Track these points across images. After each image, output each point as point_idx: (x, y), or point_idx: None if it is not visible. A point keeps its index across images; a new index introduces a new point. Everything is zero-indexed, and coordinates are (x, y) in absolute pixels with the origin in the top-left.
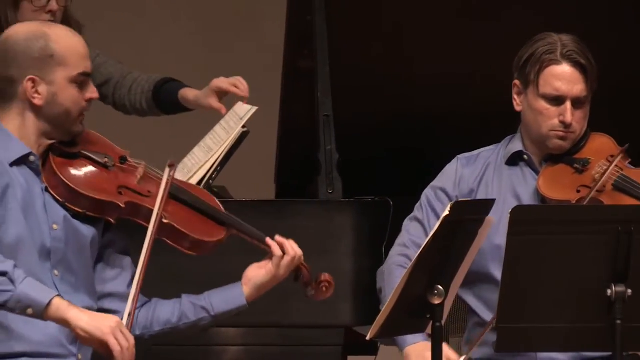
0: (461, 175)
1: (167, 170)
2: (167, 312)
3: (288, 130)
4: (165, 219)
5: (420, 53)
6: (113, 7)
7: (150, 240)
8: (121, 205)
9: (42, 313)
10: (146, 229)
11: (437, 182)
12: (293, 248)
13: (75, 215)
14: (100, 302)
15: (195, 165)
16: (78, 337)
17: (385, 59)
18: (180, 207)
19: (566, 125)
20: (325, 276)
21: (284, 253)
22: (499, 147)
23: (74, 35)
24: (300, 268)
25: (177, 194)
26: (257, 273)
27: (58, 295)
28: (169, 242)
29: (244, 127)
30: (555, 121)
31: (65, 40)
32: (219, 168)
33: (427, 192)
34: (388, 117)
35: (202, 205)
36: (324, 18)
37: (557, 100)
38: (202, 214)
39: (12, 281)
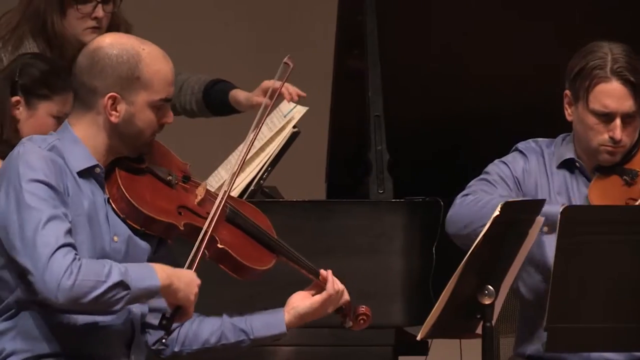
0: (525, 167)
1: (222, 192)
2: (207, 331)
3: (339, 130)
4: (220, 243)
5: (470, 53)
6: (164, 8)
7: (198, 255)
8: (180, 227)
9: (155, 295)
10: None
11: (503, 159)
12: (339, 285)
13: (135, 231)
14: (148, 316)
15: (239, 161)
16: (167, 295)
17: (435, 59)
18: (235, 231)
19: (615, 142)
20: (364, 309)
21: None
22: (553, 144)
23: (165, 60)
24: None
25: (234, 218)
26: (301, 303)
27: (155, 266)
28: (219, 265)
29: (294, 127)
30: (605, 136)
31: (155, 65)
32: (269, 168)
33: (494, 166)
34: (438, 117)
35: (256, 231)
36: (374, 18)
37: (606, 116)
38: (256, 240)
39: (127, 286)
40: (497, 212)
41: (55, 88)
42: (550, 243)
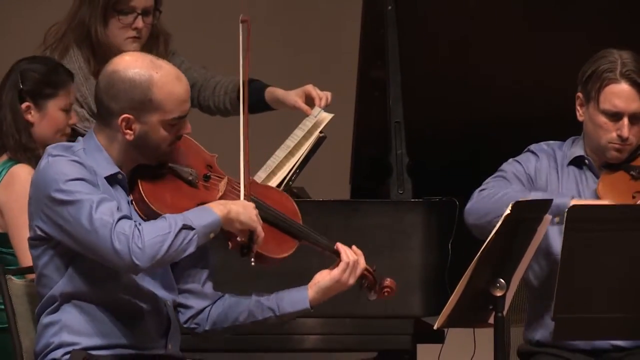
0: (537, 166)
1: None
2: (237, 311)
3: (362, 135)
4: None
5: (485, 62)
6: (199, 11)
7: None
8: None
9: (219, 229)
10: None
11: (517, 158)
12: (356, 253)
13: None
14: (179, 297)
15: (275, 162)
16: (229, 225)
17: (452, 69)
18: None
19: (623, 139)
20: (389, 281)
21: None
22: (564, 145)
23: (178, 81)
24: (365, 275)
25: (257, 209)
26: (323, 278)
27: (210, 204)
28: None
29: (321, 132)
30: (613, 135)
31: (167, 87)
32: (298, 170)
33: (508, 165)
34: (454, 122)
35: (279, 220)
36: (395, 31)
37: (615, 116)
38: (278, 229)
39: (190, 227)
40: (508, 211)
41: (58, 84)
42: (554, 232)
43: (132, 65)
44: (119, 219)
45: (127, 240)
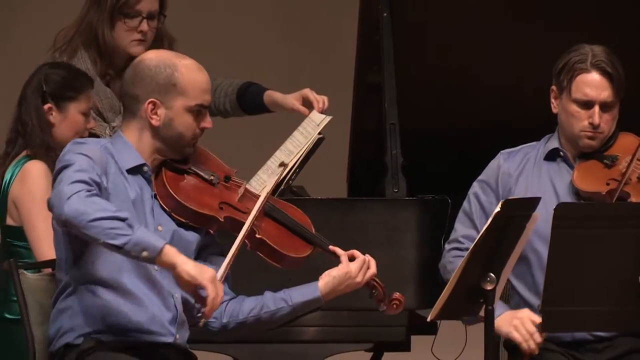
0: (503, 170)
1: (264, 191)
2: (251, 304)
3: (358, 136)
4: (258, 233)
5: (476, 67)
6: (202, 16)
7: (238, 243)
8: (220, 219)
9: (155, 256)
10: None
11: (482, 176)
12: (365, 257)
13: (180, 224)
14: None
15: (276, 163)
16: (179, 280)
17: (444, 73)
18: (273, 224)
19: (594, 127)
20: (397, 295)
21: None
22: (539, 144)
23: (200, 71)
24: (375, 286)
25: (271, 212)
26: (332, 270)
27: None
28: (258, 253)
29: (319, 134)
30: (585, 123)
31: (190, 74)
32: (297, 170)
33: (474, 185)
34: (446, 124)
35: (292, 224)
36: (390, 37)
37: (586, 104)
38: (292, 232)
39: (130, 226)
40: (498, 209)
41: (79, 88)
42: (537, 233)
43: (157, 55)
44: (84, 181)
45: (74, 189)
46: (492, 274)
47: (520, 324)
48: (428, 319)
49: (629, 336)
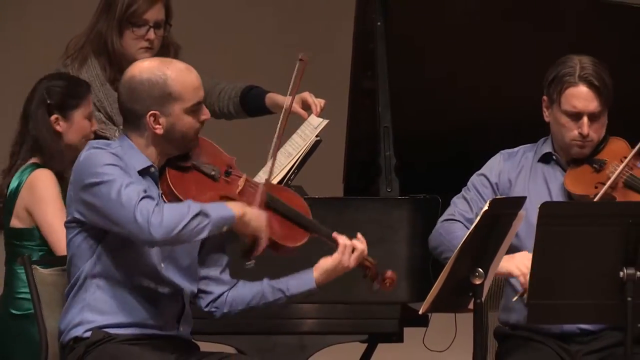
0: (502, 168)
1: (262, 182)
2: (250, 294)
3: (354, 139)
4: None
5: (465, 73)
6: (205, 25)
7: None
8: None
9: (233, 224)
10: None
11: (482, 170)
12: (356, 242)
13: None
14: (201, 283)
15: (278, 168)
16: (242, 226)
17: (435, 79)
18: (273, 216)
19: (584, 136)
20: (389, 273)
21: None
22: (535, 146)
23: (189, 71)
24: (367, 266)
25: (271, 203)
26: (326, 260)
27: (227, 202)
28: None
29: (317, 137)
30: (575, 133)
31: (181, 78)
32: (296, 171)
33: (473, 178)
34: (437, 127)
35: (291, 213)
36: (383, 45)
37: (576, 115)
38: (291, 221)
39: (204, 214)
40: (486, 207)
41: (80, 95)
42: (523, 232)
43: (145, 68)
44: (143, 198)
45: (148, 214)
46: (480, 269)
47: (518, 263)
48: (420, 312)
49: (614, 330)
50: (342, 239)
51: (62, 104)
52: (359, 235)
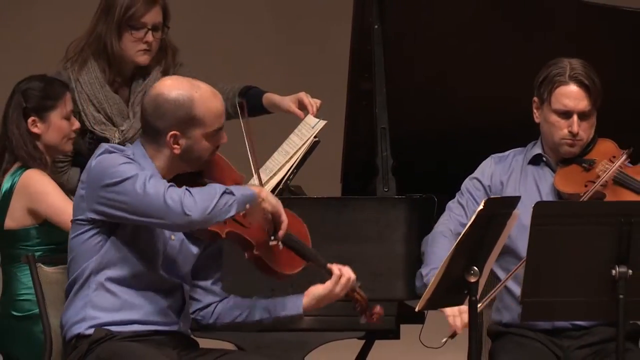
0: (493, 170)
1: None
2: (238, 310)
3: (351, 139)
4: (256, 250)
5: (460, 76)
6: (203, 28)
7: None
8: (222, 235)
9: (256, 202)
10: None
11: (474, 174)
12: (348, 272)
13: (187, 235)
14: (191, 291)
15: (276, 166)
16: (262, 204)
17: (431, 81)
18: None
19: (574, 135)
20: (378, 309)
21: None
22: (525, 149)
23: (215, 97)
24: (357, 299)
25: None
26: (318, 288)
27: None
28: (253, 263)
29: (315, 137)
30: (565, 131)
31: (206, 104)
32: (295, 171)
33: (466, 182)
34: (434, 128)
35: (291, 242)
36: (381, 47)
37: (565, 114)
38: (290, 249)
39: (229, 193)
40: (481, 207)
41: (56, 96)
42: (515, 233)
43: (175, 87)
44: (169, 186)
45: (180, 198)
46: (475, 267)
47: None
48: (416, 309)
49: (606, 326)
50: (336, 269)
51: (38, 106)
52: (347, 268)
